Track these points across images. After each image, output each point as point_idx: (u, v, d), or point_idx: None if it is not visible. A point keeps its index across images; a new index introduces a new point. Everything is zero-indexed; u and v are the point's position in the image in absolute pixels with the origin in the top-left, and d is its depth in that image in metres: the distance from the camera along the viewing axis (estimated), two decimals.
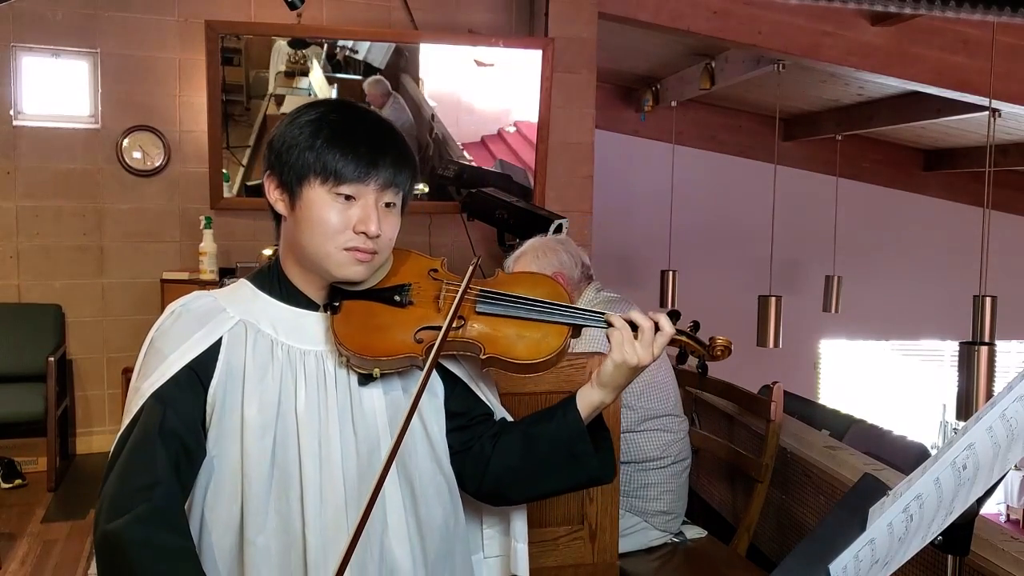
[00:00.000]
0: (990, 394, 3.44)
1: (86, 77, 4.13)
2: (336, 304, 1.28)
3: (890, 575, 0.93)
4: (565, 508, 1.89)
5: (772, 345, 5.51)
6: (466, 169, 4.50)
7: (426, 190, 4.47)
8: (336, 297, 1.29)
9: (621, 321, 1.28)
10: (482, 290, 1.31)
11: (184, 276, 4.06)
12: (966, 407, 3.54)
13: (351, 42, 4.28)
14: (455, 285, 1.29)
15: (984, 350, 3.51)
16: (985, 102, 4.46)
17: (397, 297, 1.29)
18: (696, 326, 1.34)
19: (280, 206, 1.28)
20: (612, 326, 1.29)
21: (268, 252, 3.56)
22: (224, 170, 4.25)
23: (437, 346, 1.23)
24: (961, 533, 1.02)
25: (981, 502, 0.95)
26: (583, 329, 1.31)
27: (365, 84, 4.32)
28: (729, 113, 7.14)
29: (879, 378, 7.69)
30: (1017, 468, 6.82)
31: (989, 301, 3.86)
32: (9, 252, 4.12)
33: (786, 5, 4.34)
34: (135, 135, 4.21)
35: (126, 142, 4.20)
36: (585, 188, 4.55)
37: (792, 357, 6.70)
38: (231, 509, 1.22)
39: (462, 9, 4.51)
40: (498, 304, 1.30)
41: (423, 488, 1.30)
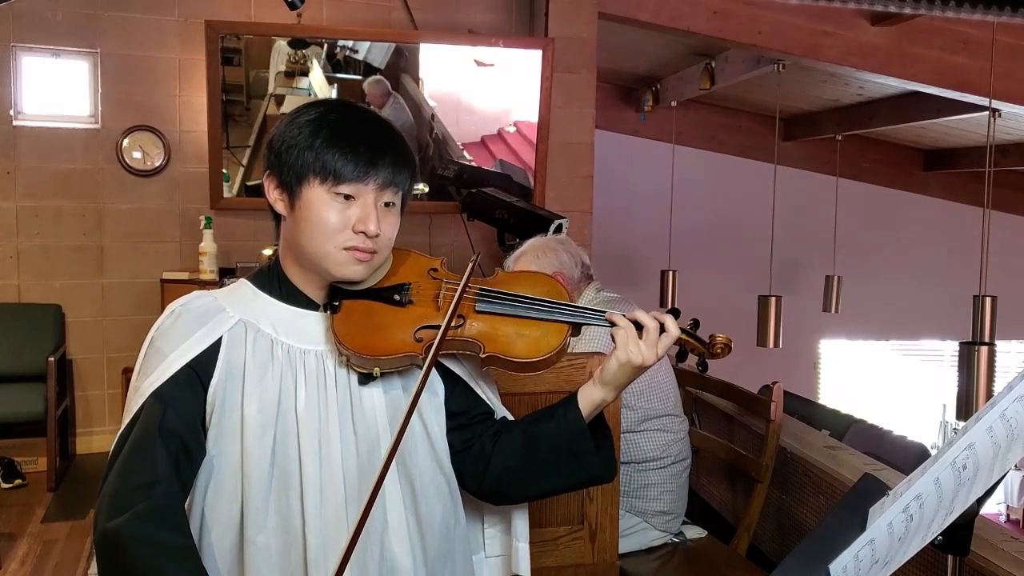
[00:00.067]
0: (990, 394, 3.44)
1: (86, 77, 4.13)
2: (336, 303, 1.28)
3: (890, 575, 0.93)
4: (565, 508, 1.89)
5: (772, 345, 5.51)
6: (466, 169, 4.50)
7: (426, 190, 4.47)
8: (336, 297, 1.29)
9: (626, 320, 1.28)
10: (482, 289, 1.31)
11: (184, 276, 4.06)
12: (966, 407, 3.54)
13: (351, 42, 4.28)
14: (455, 284, 1.29)
15: (984, 350, 3.51)
16: (985, 102, 4.46)
17: (397, 296, 1.29)
18: (696, 324, 1.34)
19: (280, 206, 1.28)
20: (613, 324, 1.28)
21: (268, 252, 3.56)
22: (224, 170, 4.25)
23: (436, 345, 1.23)
24: (961, 533, 1.02)
25: (981, 502, 0.95)
26: (584, 329, 1.31)
27: (365, 84, 4.32)
28: (729, 113, 7.14)
29: (879, 378, 7.69)
30: (1017, 468, 6.81)
31: (989, 301, 3.86)
32: (9, 252, 4.12)
33: (786, 5, 4.34)
34: (135, 135, 4.21)
35: (126, 142, 4.20)
36: (585, 188, 4.55)
37: (792, 357, 6.69)
38: (231, 508, 1.22)
39: (462, 9, 4.51)
40: (497, 303, 1.30)
41: (423, 487, 1.30)
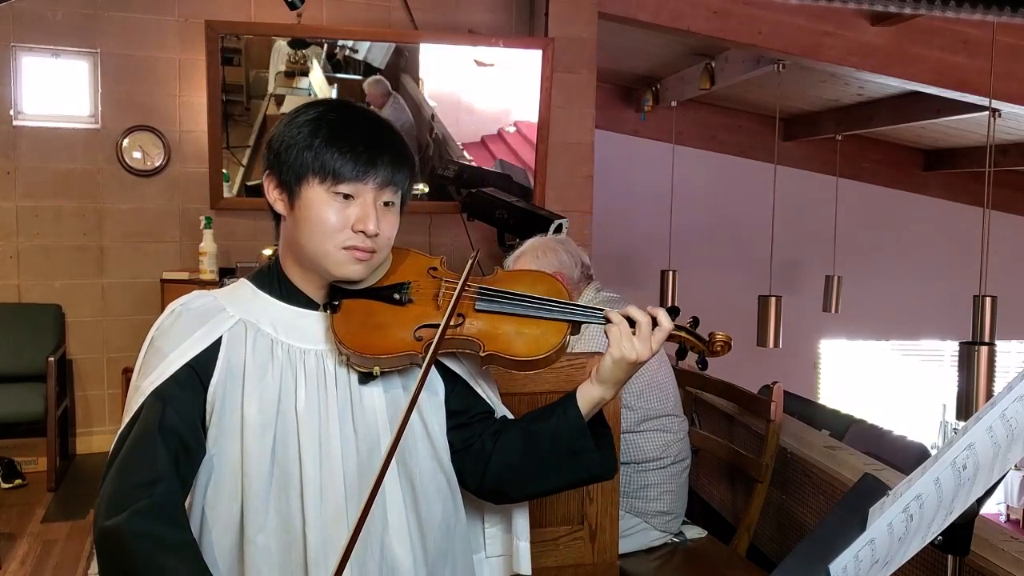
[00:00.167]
0: (990, 394, 3.44)
1: (86, 77, 4.13)
2: (336, 303, 1.28)
3: (890, 575, 0.93)
4: (565, 508, 1.89)
5: (772, 345, 5.51)
6: (466, 169, 4.50)
7: (426, 190, 4.47)
8: (336, 296, 1.29)
9: (619, 316, 1.28)
10: (481, 288, 1.31)
11: (184, 276, 4.06)
12: (966, 407, 3.54)
13: (351, 42, 4.28)
14: (454, 283, 1.29)
15: (984, 350, 3.51)
16: (985, 102, 4.46)
17: (396, 295, 1.29)
18: (696, 322, 1.33)
19: (279, 206, 1.28)
20: (610, 322, 1.29)
21: (268, 252, 3.56)
22: (224, 170, 4.25)
23: (435, 343, 1.23)
24: (961, 533, 1.02)
25: (981, 502, 0.95)
26: (583, 329, 1.31)
27: (365, 84, 4.32)
28: (729, 113, 7.14)
29: (879, 378, 7.69)
30: (1017, 468, 6.81)
31: (989, 301, 3.86)
32: (9, 252, 4.12)
33: (786, 5, 4.33)
34: (135, 135, 4.21)
35: (126, 142, 4.20)
36: (585, 188, 4.55)
37: (792, 357, 6.69)
38: (231, 508, 1.22)
39: (462, 9, 4.51)
40: (497, 301, 1.30)
41: (423, 486, 1.30)
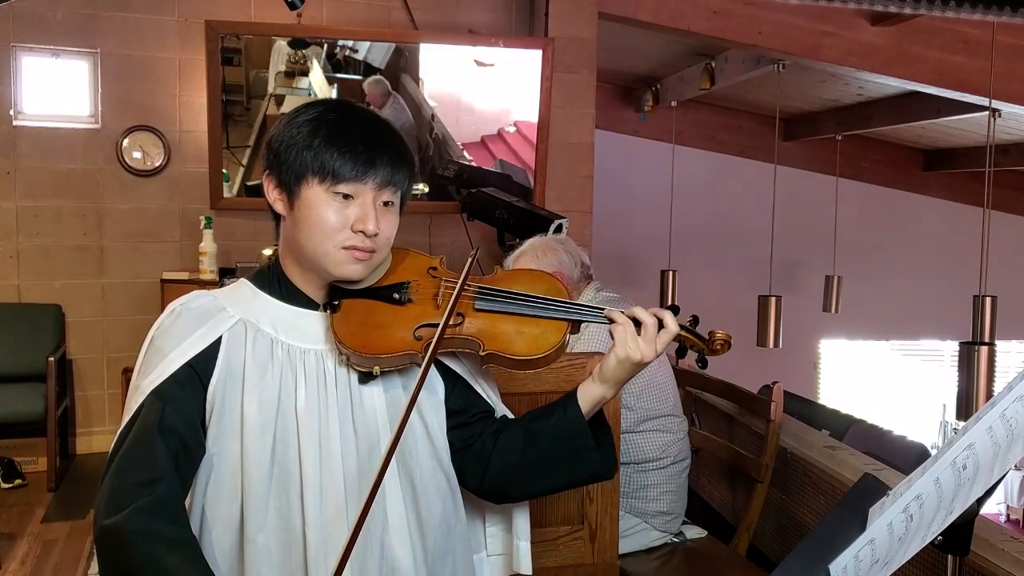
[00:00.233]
0: (990, 394, 3.44)
1: (86, 77, 4.13)
2: (336, 303, 1.28)
3: (890, 575, 0.93)
4: (565, 508, 1.89)
5: (772, 345, 5.51)
6: (466, 169, 4.50)
7: (426, 190, 4.47)
8: (335, 296, 1.29)
9: (624, 317, 1.28)
10: (481, 287, 1.31)
11: (184, 276, 4.06)
12: (966, 407, 3.54)
13: (351, 42, 4.28)
14: (454, 283, 1.30)
15: (984, 350, 3.51)
16: (985, 102, 4.46)
17: (396, 295, 1.29)
18: (696, 320, 1.33)
19: (279, 206, 1.28)
20: (612, 322, 1.28)
21: (268, 252, 3.56)
22: (224, 170, 4.25)
23: (435, 342, 1.23)
24: (961, 533, 1.01)
25: (981, 502, 0.95)
26: (583, 328, 1.31)
27: (365, 84, 4.32)
28: (729, 113, 7.14)
29: (879, 378, 7.68)
30: (1017, 468, 6.81)
31: (989, 301, 3.86)
32: (9, 252, 4.12)
33: (786, 5, 4.33)
34: (135, 135, 4.21)
35: (126, 142, 4.20)
36: (585, 188, 4.55)
37: (792, 357, 6.69)
38: (231, 507, 1.22)
39: (462, 9, 4.51)
40: (497, 301, 1.30)
41: (423, 485, 1.30)
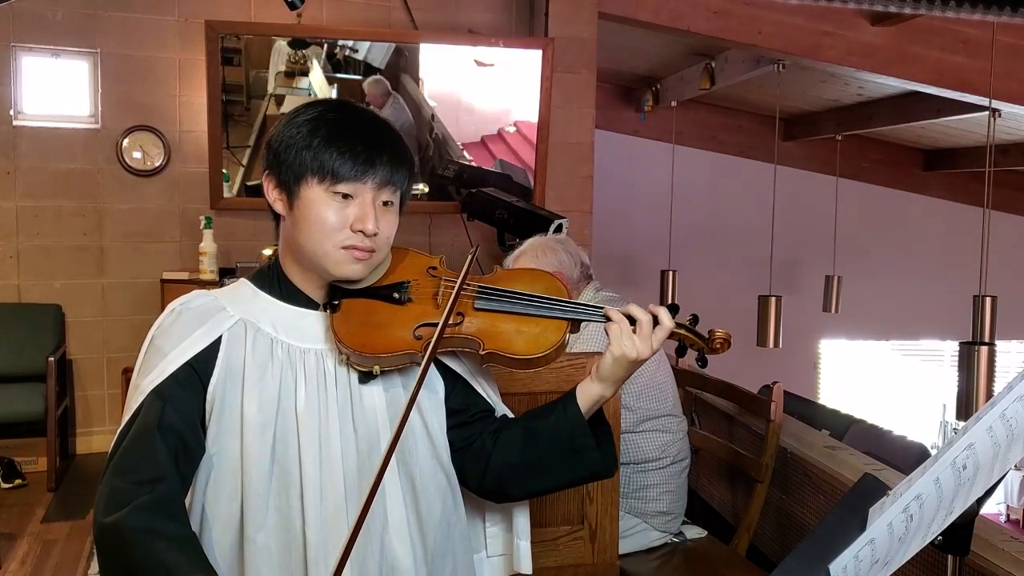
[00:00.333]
0: (990, 394, 3.44)
1: (86, 77, 4.13)
2: (335, 303, 1.28)
3: (890, 575, 0.93)
4: (565, 508, 1.89)
5: (772, 345, 5.51)
6: (466, 169, 4.50)
7: (426, 190, 4.47)
8: (335, 296, 1.29)
9: (619, 315, 1.28)
10: (480, 286, 1.31)
11: (184, 276, 4.06)
12: (966, 407, 3.54)
13: (351, 42, 4.28)
14: (454, 282, 1.30)
15: (984, 350, 3.51)
16: (985, 102, 4.46)
17: (396, 295, 1.29)
18: (695, 319, 1.33)
19: (279, 206, 1.28)
20: (610, 320, 1.29)
21: (268, 252, 3.56)
22: (224, 170, 4.25)
23: (434, 341, 1.23)
24: (961, 533, 1.01)
25: (981, 502, 0.95)
26: (583, 328, 1.31)
27: (365, 84, 4.32)
28: (729, 113, 7.14)
29: (879, 378, 7.68)
30: (1017, 468, 6.81)
31: (989, 301, 3.86)
32: (9, 252, 4.12)
33: (786, 5, 4.33)
34: (135, 135, 4.20)
35: (126, 142, 4.20)
36: (585, 188, 4.55)
37: (792, 357, 6.69)
38: (231, 507, 1.22)
39: (462, 9, 4.51)
40: (496, 300, 1.30)
41: (424, 485, 1.30)
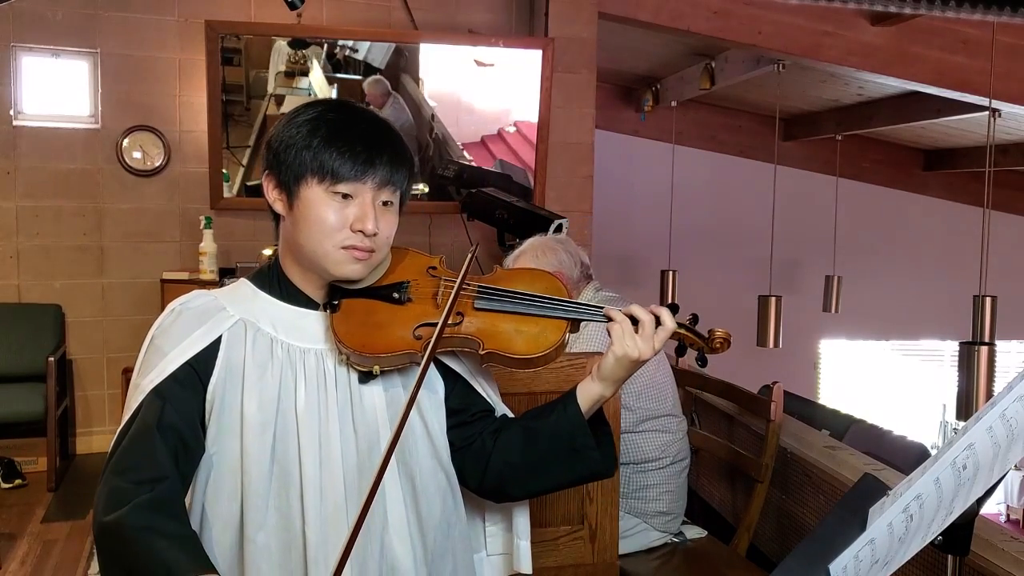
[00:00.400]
0: (990, 394, 3.44)
1: (86, 77, 4.13)
2: (335, 302, 1.28)
3: (890, 575, 0.93)
4: (565, 508, 1.89)
5: (772, 345, 5.51)
6: (466, 169, 4.50)
7: (426, 190, 4.47)
8: (335, 295, 1.29)
9: (621, 315, 1.28)
10: (480, 286, 1.31)
11: (184, 276, 4.06)
12: (966, 407, 3.54)
13: (351, 42, 4.28)
14: (453, 282, 1.30)
15: (984, 350, 3.51)
16: (985, 102, 4.46)
17: (396, 295, 1.29)
18: (695, 319, 1.33)
19: (279, 206, 1.28)
20: (612, 320, 1.29)
21: (268, 252, 3.56)
22: (224, 170, 4.25)
23: (434, 341, 1.23)
24: (961, 533, 1.01)
25: (981, 502, 0.95)
26: (583, 328, 1.31)
27: (365, 84, 4.32)
28: (729, 113, 7.14)
29: (879, 378, 7.68)
30: (1017, 468, 6.81)
31: (989, 301, 3.85)
32: (9, 252, 4.12)
33: (786, 5, 4.33)
34: (135, 135, 4.21)
35: (126, 142, 4.20)
36: (585, 188, 4.55)
37: (792, 357, 6.69)
38: (231, 506, 1.22)
39: (462, 9, 4.51)
40: (496, 299, 1.30)
41: (424, 485, 1.30)
